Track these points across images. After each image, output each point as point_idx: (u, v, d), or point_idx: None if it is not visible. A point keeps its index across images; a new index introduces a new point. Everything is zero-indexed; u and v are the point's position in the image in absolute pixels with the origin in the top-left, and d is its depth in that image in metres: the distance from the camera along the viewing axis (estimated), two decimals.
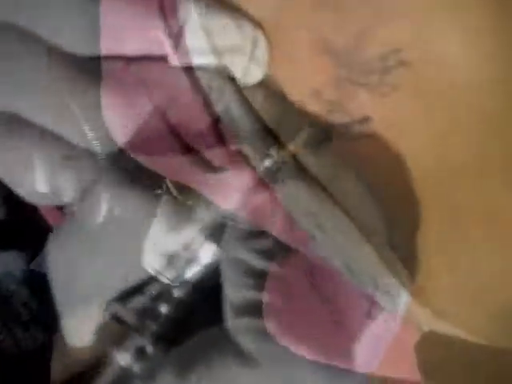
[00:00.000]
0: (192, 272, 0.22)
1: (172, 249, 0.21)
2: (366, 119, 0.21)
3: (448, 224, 0.21)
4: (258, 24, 0.21)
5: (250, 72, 0.21)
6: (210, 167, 0.21)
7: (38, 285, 0.25)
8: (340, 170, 0.21)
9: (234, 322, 0.21)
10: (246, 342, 0.21)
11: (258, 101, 0.22)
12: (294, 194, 0.21)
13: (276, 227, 0.21)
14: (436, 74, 0.20)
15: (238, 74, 0.21)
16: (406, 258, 0.21)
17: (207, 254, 0.21)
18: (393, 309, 0.21)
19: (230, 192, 0.21)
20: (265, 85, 0.22)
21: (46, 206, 0.26)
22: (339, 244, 0.20)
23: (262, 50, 0.21)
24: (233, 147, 0.21)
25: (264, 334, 0.20)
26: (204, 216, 0.21)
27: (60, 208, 0.25)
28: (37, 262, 0.24)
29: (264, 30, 0.21)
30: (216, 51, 0.21)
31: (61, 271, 0.22)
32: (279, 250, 0.21)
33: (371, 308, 0.21)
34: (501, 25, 0.20)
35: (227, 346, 0.21)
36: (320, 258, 0.21)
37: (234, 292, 0.21)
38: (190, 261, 0.21)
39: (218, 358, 0.21)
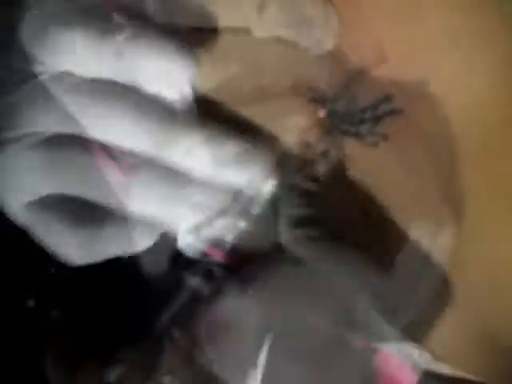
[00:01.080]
0: (256, 207, 0.25)
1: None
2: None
3: None
4: None
5: (322, 42, 0.23)
6: None
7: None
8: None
9: (288, 236, 0.24)
10: (298, 250, 0.24)
11: None
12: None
13: None
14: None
15: (311, 44, 0.23)
16: (450, 196, 0.23)
17: (268, 188, 0.24)
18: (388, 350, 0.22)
19: None
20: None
21: None
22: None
23: (333, 21, 0.23)
24: None
25: (313, 242, 0.23)
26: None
27: None
28: None
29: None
30: (293, 23, 0.22)
31: None
32: None
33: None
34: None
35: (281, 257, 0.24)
36: None
37: (289, 211, 0.24)
38: (254, 197, 0.25)
39: (275, 267, 0.25)
